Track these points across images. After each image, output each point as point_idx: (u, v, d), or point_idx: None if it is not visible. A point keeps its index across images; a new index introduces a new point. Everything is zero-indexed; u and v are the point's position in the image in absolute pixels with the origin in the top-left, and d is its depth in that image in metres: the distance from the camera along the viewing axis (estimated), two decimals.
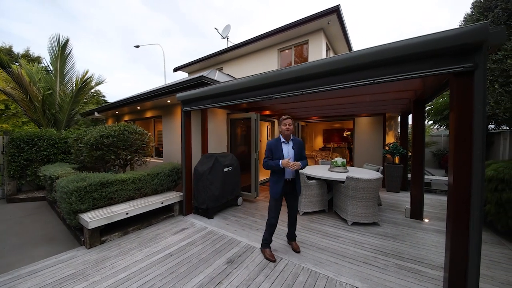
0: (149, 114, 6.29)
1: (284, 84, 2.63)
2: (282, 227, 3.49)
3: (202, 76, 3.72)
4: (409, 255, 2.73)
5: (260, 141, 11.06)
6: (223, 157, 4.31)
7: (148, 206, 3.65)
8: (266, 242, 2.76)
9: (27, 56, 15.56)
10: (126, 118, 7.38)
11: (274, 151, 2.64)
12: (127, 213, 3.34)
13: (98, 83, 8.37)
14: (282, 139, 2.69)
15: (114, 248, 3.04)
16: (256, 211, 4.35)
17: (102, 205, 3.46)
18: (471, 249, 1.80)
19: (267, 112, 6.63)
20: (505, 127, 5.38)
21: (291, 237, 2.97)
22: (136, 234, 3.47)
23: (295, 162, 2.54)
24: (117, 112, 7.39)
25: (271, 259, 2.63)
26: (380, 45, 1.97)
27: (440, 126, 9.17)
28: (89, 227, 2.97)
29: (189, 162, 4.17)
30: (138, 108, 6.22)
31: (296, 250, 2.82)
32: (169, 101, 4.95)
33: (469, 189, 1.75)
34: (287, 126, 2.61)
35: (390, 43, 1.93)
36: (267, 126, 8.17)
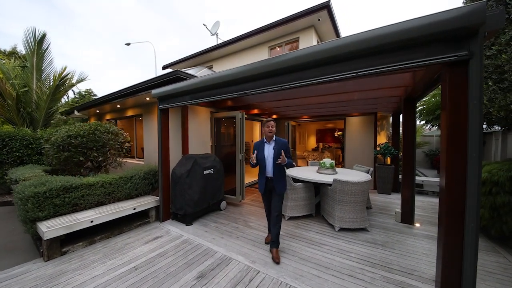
0: (130, 113, 5.95)
1: (260, 79, 2.37)
2: (261, 233, 3.23)
3: (177, 70, 3.42)
4: (398, 265, 2.50)
5: (252, 141, 10.79)
6: (203, 159, 4.02)
7: (118, 212, 3.34)
8: (268, 228, 3.09)
9: (14, 53, 14.91)
10: (108, 117, 7.02)
11: (258, 150, 2.83)
12: (91, 221, 3.03)
13: (79, 81, 7.95)
14: (265, 140, 2.85)
15: (75, 261, 2.73)
16: (240, 216, 4.08)
17: (66, 212, 3.14)
18: (466, 261, 1.57)
19: (256, 111, 6.37)
20: (496, 127, 5.24)
21: (271, 242, 2.72)
22: (103, 243, 3.15)
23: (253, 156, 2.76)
24: (97, 111, 7.03)
25: (265, 241, 3.07)
26: (361, 33, 1.73)
27: (432, 126, 9.06)
28: (45, 238, 2.65)
29: (166, 164, 3.88)
30: (118, 106, 5.88)
31: (275, 260, 2.57)
32: (147, 99, 4.64)
33: (463, 193, 1.53)
34: (270, 128, 2.76)
35: (372, 29, 1.69)
36: (259, 126, 7.93)
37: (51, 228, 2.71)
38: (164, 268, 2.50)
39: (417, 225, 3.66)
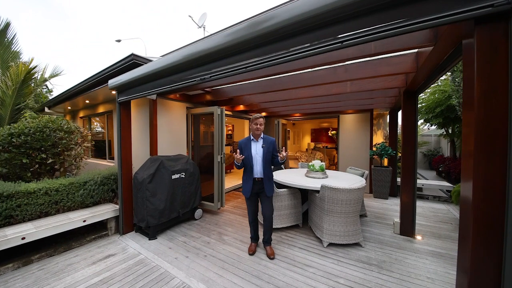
0: (101, 109, 5.39)
1: (221, 58, 1.84)
2: (236, 250, 2.70)
3: (132, 54, 2.88)
4: None
5: None
6: (172, 161, 3.48)
7: (64, 225, 2.78)
8: (251, 237, 2.84)
9: None
10: (82, 114, 6.44)
11: (244, 149, 2.63)
12: (23, 238, 2.46)
13: (53, 76, 7.36)
14: (252, 138, 2.66)
15: None
16: (216, 227, 3.54)
17: None
18: None
19: (242, 107, 5.84)
20: None
21: (265, 242, 2.75)
22: (41, 264, 2.59)
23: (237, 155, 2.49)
24: (69, 107, 6.44)
25: (248, 252, 2.72)
26: None
27: (431, 125, 8.60)
28: None
29: (127, 167, 3.33)
30: (87, 102, 5.31)
31: (270, 257, 2.60)
32: (114, 92, 4.07)
33: (502, 214, 1.02)
34: (258, 126, 2.58)
35: None
36: (248, 124, 7.38)
37: None
38: None
39: (419, 237, 3.16)
